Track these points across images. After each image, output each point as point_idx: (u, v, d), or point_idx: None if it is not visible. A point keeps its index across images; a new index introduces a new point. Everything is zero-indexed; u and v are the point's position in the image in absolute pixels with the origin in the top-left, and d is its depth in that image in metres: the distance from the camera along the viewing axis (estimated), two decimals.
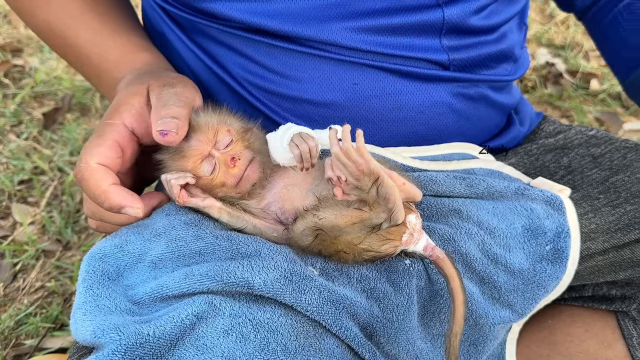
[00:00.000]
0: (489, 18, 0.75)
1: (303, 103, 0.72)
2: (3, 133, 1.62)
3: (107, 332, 0.50)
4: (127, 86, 0.69)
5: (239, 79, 0.74)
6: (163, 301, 0.55)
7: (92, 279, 0.57)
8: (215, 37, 0.74)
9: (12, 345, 1.10)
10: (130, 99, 0.64)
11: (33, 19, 0.81)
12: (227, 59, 0.74)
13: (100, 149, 0.61)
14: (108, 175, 0.60)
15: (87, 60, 0.79)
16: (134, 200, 0.60)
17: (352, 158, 0.55)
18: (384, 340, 0.61)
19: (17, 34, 2.07)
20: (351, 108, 0.72)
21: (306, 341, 0.55)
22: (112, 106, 0.65)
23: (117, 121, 0.62)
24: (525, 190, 0.73)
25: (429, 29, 0.71)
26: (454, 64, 0.74)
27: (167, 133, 0.58)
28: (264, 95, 0.73)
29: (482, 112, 0.80)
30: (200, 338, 0.51)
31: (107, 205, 0.60)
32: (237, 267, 0.56)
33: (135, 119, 0.63)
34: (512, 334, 0.77)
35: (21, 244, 1.29)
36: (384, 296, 0.62)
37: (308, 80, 0.71)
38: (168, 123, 0.59)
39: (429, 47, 0.72)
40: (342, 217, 0.59)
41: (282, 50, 0.70)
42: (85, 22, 0.78)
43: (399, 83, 0.72)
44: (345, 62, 0.71)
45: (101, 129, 0.62)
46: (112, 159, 0.61)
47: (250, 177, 0.62)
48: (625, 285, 0.77)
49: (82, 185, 0.60)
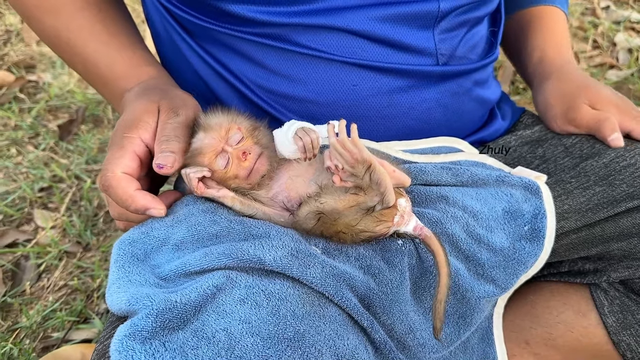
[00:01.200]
0: (469, 13, 0.83)
1: (307, 103, 0.80)
2: (22, 144, 1.71)
3: (140, 299, 0.58)
4: (139, 100, 0.77)
5: (246, 81, 0.82)
6: (186, 276, 0.63)
7: (124, 260, 0.65)
8: (224, 42, 0.81)
9: (40, 338, 1.18)
10: (146, 117, 0.73)
11: (40, 24, 0.86)
12: (235, 64, 0.82)
13: (123, 160, 0.69)
14: (132, 182, 0.68)
15: (94, 68, 0.86)
16: (157, 202, 0.68)
17: (347, 148, 0.63)
18: (380, 311, 0.68)
19: (29, 50, 2.16)
20: (350, 107, 0.81)
21: (312, 309, 0.63)
22: (128, 120, 0.73)
23: (135, 135, 0.71)
24: (506, 178, 0.80)
25: (425, 18, 0.80)
26: (440, 54, 0.82)
27: (162, 166, 0.68)
28: (270, 96, 0.81)
29: (467, 106, 0.88)
30: (220, 305, 0.59)
31: (134, 208, 0.68)
32: (250, 246, 0.64)
33: (150, 135, 0.72)
34: (498, 309, 0.84)
35: (44, 247, 1.37)
36: (379, 272, 0.69)
37: (312, 82, 0.79)
38: (166, 158, 0.68)
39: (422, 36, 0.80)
40: (341, 202, 0.66)
41: (289, 54, 0.78)
42: (94, 34, 0.84)
43: (393, 82, 0.80)
44: (346, 64, 0.79)
45: (120, 141, 0.71)
46: (133, 168, 0.70)
47: (259, 169, 0.70)
48: (597, 260, 0.84)
49: (110, 192, 0.68)
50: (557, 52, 1.01)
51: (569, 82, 0.95)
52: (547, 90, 0.97)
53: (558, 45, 1.02)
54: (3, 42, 2.20)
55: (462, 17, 0.83)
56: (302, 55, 0.78)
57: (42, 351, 1.15)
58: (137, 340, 0.54)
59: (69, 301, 1.26)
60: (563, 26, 1.05)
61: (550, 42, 1.02)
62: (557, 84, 0.96)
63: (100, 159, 1.66)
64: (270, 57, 0.79)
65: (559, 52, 1.01)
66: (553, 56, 1.00)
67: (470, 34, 0.86)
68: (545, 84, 0.98)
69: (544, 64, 1.01)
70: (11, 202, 1.50)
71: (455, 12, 0.81)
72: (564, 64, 0.99)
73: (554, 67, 0.99)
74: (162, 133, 0.71)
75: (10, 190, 1.54)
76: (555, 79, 0.97)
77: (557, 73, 0.98)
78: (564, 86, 0.95)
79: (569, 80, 0.95)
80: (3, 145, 1.70)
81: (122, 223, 0.78)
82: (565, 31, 1.05)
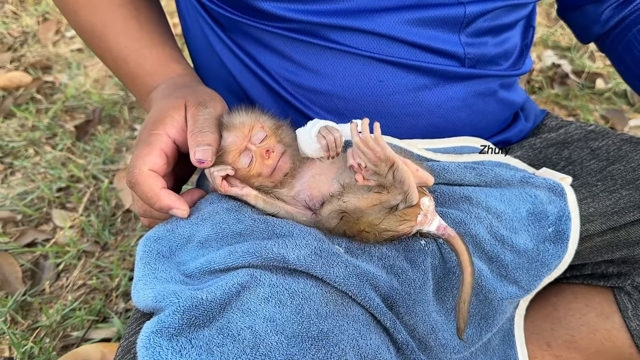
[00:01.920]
0: (495, 20, 0.82)
1: (333, 98, 0.80)
2: (39, 145, 1.72)
3: (167, 296, 0.58)
4: (165, 98, 0.77)
5: (274, 75, 0.82)
6: (211, 274, 0.63)
7: (149, 257, 0.65)
8: (254, 36, 0.81)
9: (60, 337, 1.19)
10: (172, 113, 0.73)
11: (76, 17, 0.88)
12: (264, 57, 0.82)
13: (151, 157, 0.69)
14: (158, 179, 0.69)
15: (124, 64, 0.87)
16: (181, 203, 0.69)
17: (370, 146, 0.63)
18: (403, 311, 0.67)
19: (46, 52, 2.18)
20: (376, 103, 0.80)
21: (335, 308, 0.63)
22: (154, 117, 0.73)
23: (161, 132, 0.71)
24: (530, 179, 0.80)
25: (451, 23, 0.79)
26: (468, 58, 0.82)
27: (204, 161, 0.68)
28: (298, 90, 0.82)
29: (492, 107, 0.88)
30: (244, 303, 0.59)
31: (158, 207, 0.68)
32: (274, 244, 0.64)
33: (177, 131, 0.72)
34: (520, 310, 0.83)
35: (63, 246, 1.38)
36: (402, 272, 0.69)
37: (339, 77, 0.79)
38: (205, 152, 0.68)
39: (450, 40, 0.80)
40: (364, 200, 0.66)
41: (317, 48, 0.79)
42: (126, 30, 0.86)
43: (419, 80, 0.80)
44: (374, 60, 0.78)
45: (147, 138, 0.71)
46: (159, 165, 0.70)
47: (282, 167, 0.71)
48: (621, 263, 0.83)
49: (136, 189, 0.69)
50: None
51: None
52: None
53: None
54: (20, 44, 2.22)
55: (490, 22, 0.82)
56: (330, 49, 0.78)
57: (62, 350, 1.16)
58: (164, 337, 0.55)
59: (87, 300, 1.26)
60: None
61: None
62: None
63: (117, 159, 1.67)
64: (299, 51, 0.80)
65: None
66: None
67: (500, 40, 0.85)
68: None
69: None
70: (30, 202, 1.52)
71: (484, 18, 0.81)
72: None
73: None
74: (195, 125, 0.71)
75: (29, 191, 1.55)
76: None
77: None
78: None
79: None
80: (21, 146, 1.72)
81: (146, 220, 0.78)
82: None
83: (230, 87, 0.88)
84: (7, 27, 2.29)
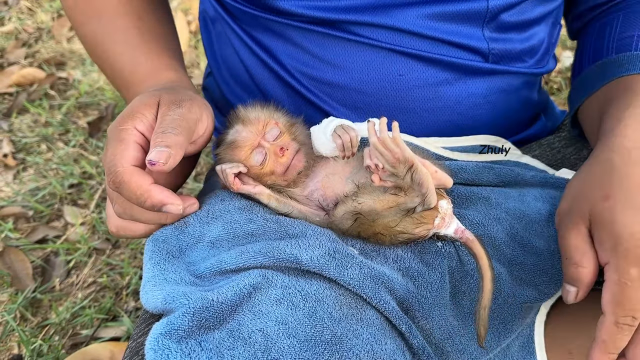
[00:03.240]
0: (521, 14, 0.80)
1: (351, 92, 0.78)
2: (52, 141, 1.72)
3: (177, 298, 0.56)
4: (141, 96, 0.72)
5: (290, 69, 0.80)
6: (222, 275, 0.62)
7: (159, 257, 0.64)
8: (269, 28, 0.79)
9: (69, 335, 1.18)
10: (143, 109, 0.67)
11: (83, 27, 0.87)
12: (279, 50, 0.80)
13: (129, 152, 0.64)
14: (146, 175, 0.63)
15: (120, 72, 0.84)
16: (175, 198, 0.64)
17: (389, 147, 0.61)
18: (419, 315, 0.65)
19: (60, 48, 2.18)
20: (395, 97, 0.78)
21: (349, 311, 0.61)
22: (124, 114, 0.68)
23: (130, 126, 0.65)
24: (550, 179, 0.77)
25: (474, 17, 0.77)
26: (492, 53, 0.80)
27: (154, 163, 0.61)
28: (314, 84, 0.80)
29: (514, 106, 0.85)
30: (256, 305, 0.57)
31: (150, 204, 0.62)
32: (287, 245, 0.62)
33: (146, 128, 0.66)
34: (541, 316, 0.81)
35: (73, 243, 1.38)
36: (419, 275, 0.67)
37: (357, 69, 0.77)
38: (160, 153, 0.61)
39: (473, 35, 0.78)
40: (380, 202, 0.65)
41: (336, 40, 0.77)
42: (126, 38, 0.84)
43: (440, 74, 0.78)
44: (394, 52, 0.76)
45: (118, 135, 0.65)
46: (141, 159, 0.64)
47: (296, 165, 0.69)
48: None
49: (122, 188, 0.62)
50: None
51: (601, 176, 0.64)
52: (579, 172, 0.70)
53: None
54: (34, 40, 2.23)
55: (516, 17, 0.80)
56: (348, 41, 0.77)
57: (71, 348, 1.15)
58: (173, 339, 0.53)
59: (97, 298, 1.26)
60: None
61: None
62: (589, 168, 0.68)
63: None
64: (316, 43, 0.78)
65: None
66: (626, 133, 0.67)
67: (526, 36, 0.83)
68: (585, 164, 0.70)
69: (605, 135, 0.70)
70: (41, 198, 1.51)
71: (509, 12, 0.78)
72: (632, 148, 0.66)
73: (612, 145, 0.67)
74: (160, 125, 0.65)
75: (41, 187, 1.55)
76: (594, 159, 0.68)
77: (607, 152, 0.66)
78: (589, 178, 0.66)
79: (604, 174, 0.64)
80: (34, 142, 1.72)
81: (118, 223, 0.70)
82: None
83: (246, 84, 0.86)
84: (22, 23, 2.30)
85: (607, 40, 0.83)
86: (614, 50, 0.81)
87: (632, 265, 0.57)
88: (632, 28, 0.81)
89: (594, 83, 0.81)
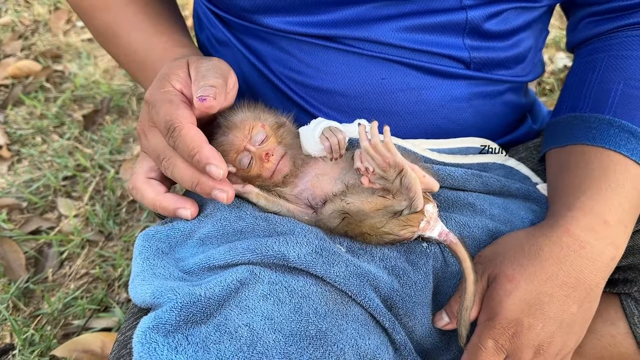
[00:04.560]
0: (505, 23, 0.80)
1: (336, 95, 0.80)
2: (47, 133, 1.73)
3: (165, 293, 0.58)
4: (168, 64, 0.74)
5: (278, 73, 0.82)
6: (210, 270, 0.63)
7: (148, 252, 0.65)
8: (258, 35, 0.81)
9: (61, 325, 1.19)
10: (175, 70, 0.69)
11: (93, 20, 0.89)
12: (268, 55, 0.81)
13: (182, 110, 0.64)
14: (201, 133, 0.64)
15: (134, 55, 0.87)
16: (221, 162, 0.63)
17: (380, 152, 0.62)
18: (402, 313, 0.67)
19: (56, 41, 2.18)
20: (378, 100, 0.79)
21: (334, 307, 0.62)
22: (158, 79, 0.70)
23: (170, 88, 0.68)
24: (533, 193, 0.80)
25: (453, 28, 0.78)
26: (474, 62, 0.80)
27: (205, 98, 0.63)
28: (301, 88, 0.81)
29: (498, 110, 0.86)
30: (243, 300, 0.59)
31: (198, 158, 0.62)
32: (275, 242, 0.63)
33: (183, 85, 0.68)
34: None
35: (67, 235, 1.39)
36: (404, 273, 0.68)
37: (341, 74, 0.79)
38: (206, 90, 0.64)
39: (453, 45, 0.79)
40: (368, 203, 0.66)
41: (320, 48, 0.78)
42: (136, 23, 0.86)
43: (423, 79, 0.79)
44: (376, 58, 0.77)
45: (164, 97, 0.66)
46: (191, 115, 0.65)
47: (282, 170, 0.69)
48: (627, 270, 0.82)
49: (179, 141, 0.63)
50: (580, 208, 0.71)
51: (526, 257, 0.70)
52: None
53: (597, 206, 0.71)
54: (31, 32, 2.23)
55: (500, 26, 0.80)
56: (332, 49, 0.78)
57: (62, 338, 1.16)
58: (160, 333, 0.55)
59: (90, 289, 1.27)
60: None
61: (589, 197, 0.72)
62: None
63: (123, 149, 1.68)
64: (302, 50, 0.79)
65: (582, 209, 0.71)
66: (569, 228, 0.70)
67: (511, 43, 0.82)
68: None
69: (553, 216, 0.74)
70: (35, 190, 1.52)
71: (491, 22, 0.78)
72: (561, 218, 0.72)
73: (551, 235, 0.71)
74: (198, 73, 0.68)
75: (35, 178, 1.56)
76: (533, 236, 0.72)
77: (544, 239, 0.71)
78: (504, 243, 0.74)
79: (528, 257, 0.69)
80: (29, 134, 1.72)
81: (136, 185, 0.72)
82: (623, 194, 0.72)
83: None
84: (19, 16, 2.29)
85: (585, 88, 0.82)
86: (589, 104, 0.79)
87: (491, 338, 0.67)
88: (612, 80, 0.79)
89: (560, 137, 0.81)
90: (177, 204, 0.68)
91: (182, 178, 0.65)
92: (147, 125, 0.69)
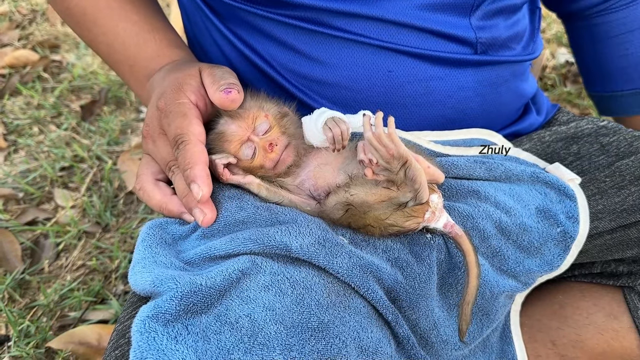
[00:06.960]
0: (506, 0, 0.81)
1: (339, 89, 0.78)
2: (44, 124, 1.71)
3: (165, 281, 0.57)
4: (176, 72, 0.74)
5: (275, 65, 0.80)
6: (211, 261, 0.62)
7: (152, 240, 0.64)
8: (253, 24, 0.79)
9: (57, 317, 1.18)
10: (188, 79, 0.70)
11: (65, 3, 0.85)
12: (264, 47, 0.80)
13: (194, 127, 0.66)
14: (205, 152, 0.66)
15: (121, 48, 0.84)
16: (205, 184, 0.64)
17: (384, 143, 0.61)
18: (405, 305, 0.66)
19: (54, 31, 2.17)
20: (385, 94, 0.78)
21: (337, 299, 0.61)
22: (172, 87, 0.70)
23: (185, 100, 0.68)
24: (541, 174, 0.78)
25: (462, 6, 0.77)
26: (480, 43, 0.80)
27: (230, 90, 0.66)
28: (301, 81, 0.79)
29: (504, 97, 0.86)
30: (244, 291, 0.58)
31: (188, 173, 0.64)
32: (277, 232, 0.62)
33: (196, 96, 0.69)
34: (516, 306, 0.82)
35: (63, 226, 1.37)
36: (407, 265, 0.68)
37: (345, 66, 0.77)
38: (230, 84, 0.67)
39: (461, 25, 0.78)
40: (372, 195, 0.65)
41: (322, 36, 0.76)
42: (124, 14, 0.83)
43: (430, 69, 0.78)
44: (383, 50, 0.76)
45: (178, 109, 0.67)
46: (201, 132, 0.67)
47: (285, 160, 0.69)
48: (631, 262, 0.82)
49: (182, 152, 0.65)
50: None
51: None
52: None
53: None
54: (28, 22, 2.21)
55: (500, 3, 0.80)
56: (336, 38, 0.76)
57: (58, 330, 1.15)
58: (159, 322, 0.54)
59: (86, 281, 1.26)
60: None
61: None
62: None
63: (121, 140, 1.66)
64: (302, 40, 0.77)
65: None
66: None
67: (511, 22, 0.83)
68: None
69: None
70: (32, 181, 1.51)
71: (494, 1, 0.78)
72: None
73: None
74: (215, 75, 0.70)
75: (32, 169, 1.54)
76: None
77: None
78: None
79: None
80: (26, 124, 1.71)
81: (143, 186, 0.73)
82: None
83: None
84: (17, 5, 2.27)
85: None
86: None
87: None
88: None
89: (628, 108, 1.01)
90: (183, 208, 0.69)
91: (177, 187, 0.69)
92: (157, 131, 0.71)
